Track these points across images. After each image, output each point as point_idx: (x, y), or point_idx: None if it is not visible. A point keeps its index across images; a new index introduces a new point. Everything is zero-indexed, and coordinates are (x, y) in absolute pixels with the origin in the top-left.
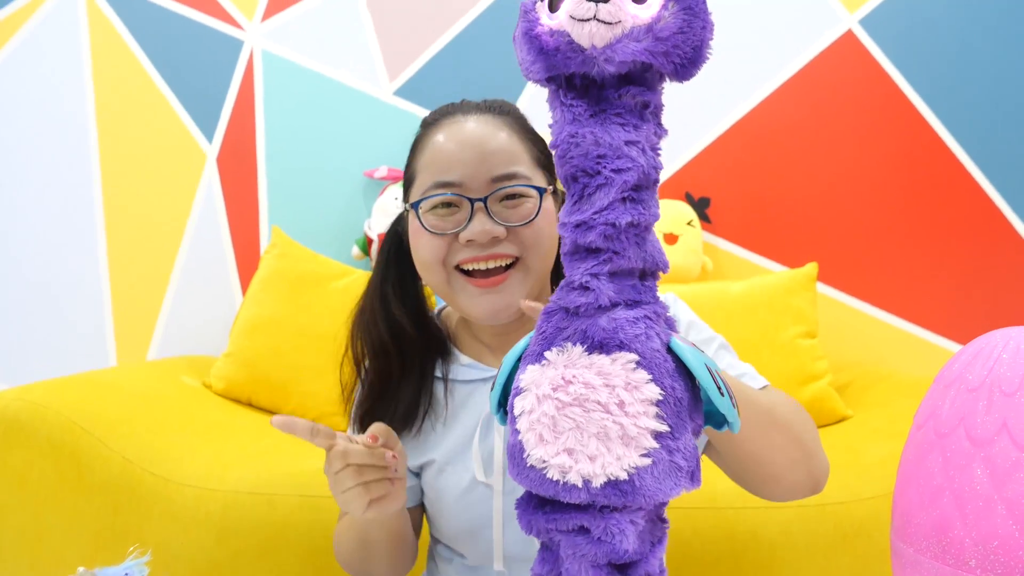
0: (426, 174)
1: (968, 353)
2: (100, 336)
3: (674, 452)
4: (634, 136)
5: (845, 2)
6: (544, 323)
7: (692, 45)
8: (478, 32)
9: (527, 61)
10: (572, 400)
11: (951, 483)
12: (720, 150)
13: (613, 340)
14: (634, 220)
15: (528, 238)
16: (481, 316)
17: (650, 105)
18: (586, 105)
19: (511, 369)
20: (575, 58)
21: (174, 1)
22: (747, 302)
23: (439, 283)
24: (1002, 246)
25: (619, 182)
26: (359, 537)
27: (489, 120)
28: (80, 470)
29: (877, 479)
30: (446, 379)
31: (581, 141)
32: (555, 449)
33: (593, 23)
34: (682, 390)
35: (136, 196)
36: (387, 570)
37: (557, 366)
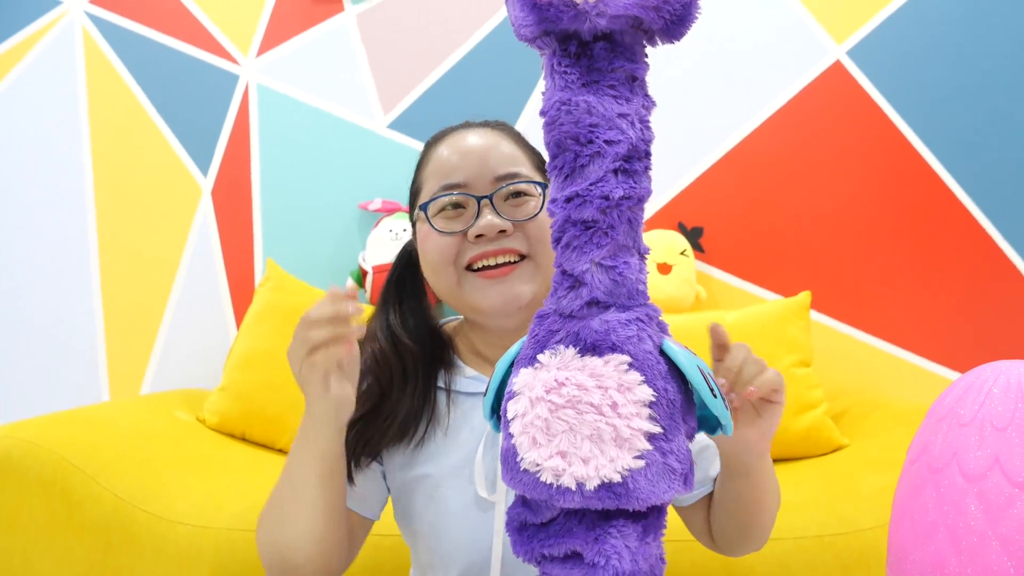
0: (432, 181)
1: (959, 387)
2: (93, 369)
3: (667, 454)
4: (625, 108)
5: (832, 34)
6: (536, 326)
7: (681, 2)
8: (471, 65)
9: (519, 17)
10: (565, 402)
11: (945, 519)
12: (712, 180)
13: (605, 342)
14: (627, 193)
15: (534, 234)
16: (491, 307)
17: (638, 78)
18: (578, 73)
19: (504, 374)
20: (567, 12)
21: (170, 36)
22: (741, 331)
23: (449, 285)
24: (994, 272)
25: (611, 153)
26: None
27: (489, 132)
28: (71, 508)
29: (875, 510)
30: (449, 389)
31: (573, 109)
32: (548, 452)
33: None
34: (675, 392)
35: (131, 229)
36: (311, 541)
37: (550, 368)
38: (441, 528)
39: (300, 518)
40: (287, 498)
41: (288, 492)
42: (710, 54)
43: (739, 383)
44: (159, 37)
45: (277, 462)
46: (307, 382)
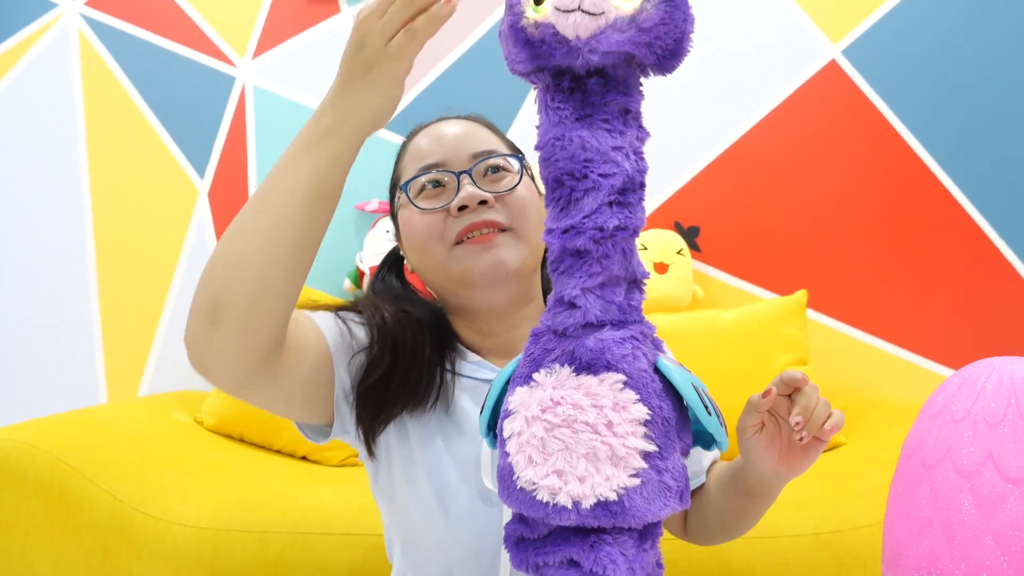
0: (410, 167)
1: (953, 384)
2: (91, 371)
3: (663, 472)
4: (620, 141)
5: (828, 33)
6: (532, 344)
7: (674, 37)
8: (467, 67)
9: (512, 53)
10: (561, 421)
11: (939, 515)
12: (709, 179)
13: (600, 361)
14: (621, 224)
15: (515, 205)
16: (479, 272)
17: (631, 110)
18: (572, 108)
19: (500, 392)
20: (560, 49)
21: (166, 38)
22: (738, 330)
23: (438, 262)
24: (989, 270)
25: (606, 186)
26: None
27: (464, 122)
28: (69, 511)
29: (871, 507)
30: (453, 371)
31: (567, 144)
32: (544, 471)
33: (578, 14)
34: (670, 410)
35: (128, 231)
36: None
37: (546, 387)
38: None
39: (261, 232)
40: (256, 208)
41: (261, 200)
42: (706, 54)
43: (813, 424)
44: (155, 39)
45: (275, 462)
46: (383, 59)
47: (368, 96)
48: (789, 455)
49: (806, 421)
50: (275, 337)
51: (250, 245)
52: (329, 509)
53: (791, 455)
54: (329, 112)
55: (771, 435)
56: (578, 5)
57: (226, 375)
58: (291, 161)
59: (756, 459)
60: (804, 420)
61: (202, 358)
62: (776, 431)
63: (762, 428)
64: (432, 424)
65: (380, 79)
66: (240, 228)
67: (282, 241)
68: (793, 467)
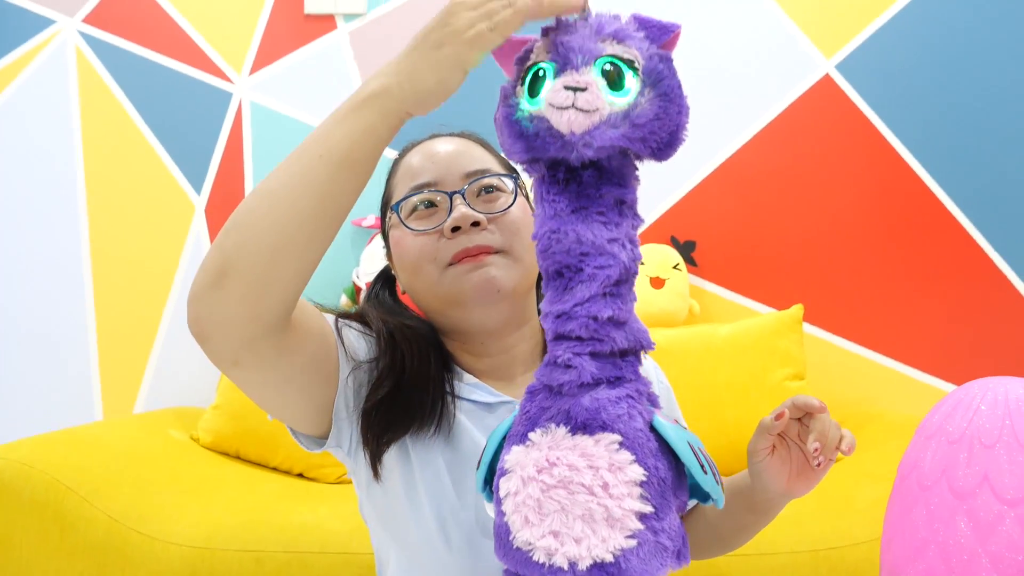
0: (401, 185)
1: (948, 404)
2: (87, 387)
3: (659, 532)
4: (615, 233)
5: (822, 48)
6: (528, 402)
7: (668, 130)
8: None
9: (507, 144)
10: (557, 482)
11: (936, 536)
12: (705, 194)
13: (596, 420)
14: (614, 315)
15: (508, 227)
16: (472, 291)
17: (626, 201)
18: (567, 201)
19: (496, 447)
20: (554, 143)
21: (163, 55)
22: (735, 345)
23: (430, 283)
24: (985, 282)
25: (602, 277)
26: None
27: (456, 139)
28: (64, 530)
29: (869, 523)
30: (453, 393)
31: (563, 238)
32: (541, 531)
33: (571, 111)
34: (665, 469)
35: (125, 247)
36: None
37: (541, 447)
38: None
39: (283, 194)
40: (283, 170)
41: (290, 162)
42: (701, 68)
43: (828, 448)
44: (152, 55)
45: (271, 480)
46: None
47: (426, 72)
48: (800, 475)
49: (823, 446)
50: (280, 310)
51: (270, 207)
52: (325, 527)
53: (802, 475)
54: (379, 78)
55: (782, 457)
56: (572, 103)
57: (224, 343)
58: (327, 126)
59: (767, 481)
60: (821, 446)
61: (202, 321)
62: (787, 453)
63: (773, 451)
64: (433, 446)
65: (446, 59)
66: (263, 189)
67: (303, 205)
68: (803, 486)
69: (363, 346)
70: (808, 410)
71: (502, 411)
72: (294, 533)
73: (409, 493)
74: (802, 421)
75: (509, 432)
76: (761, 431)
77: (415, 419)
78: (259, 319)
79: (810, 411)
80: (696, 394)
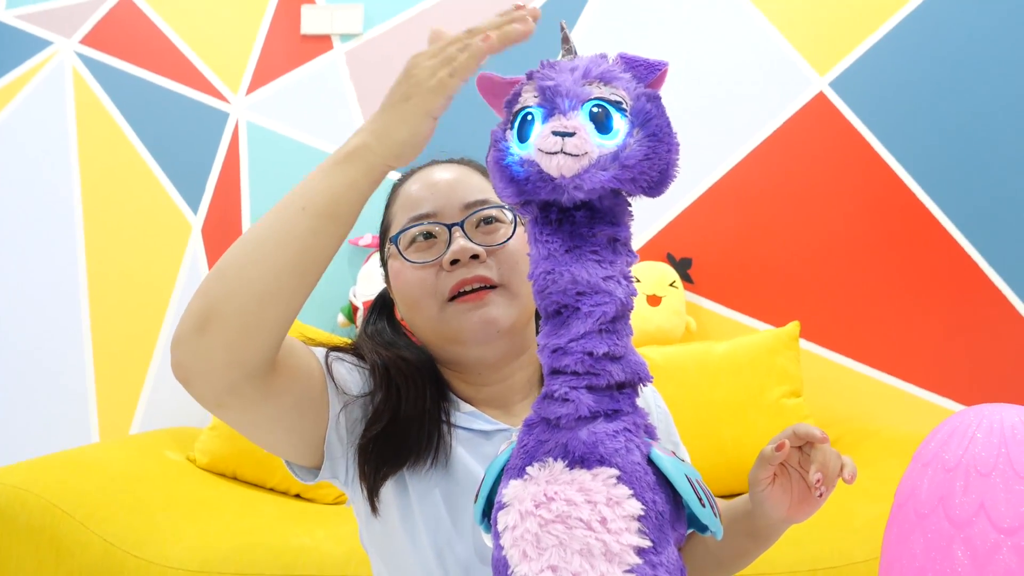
0: (401, 214)
1: (943, 432)
2: (83, 408)
3: (657, 567)
4: (610, 271)
5: (815, 65)
6: (525, 435)
7: (658, 169)
8: (456, 102)
9: (499, 187)
10: (554, 517)
11: (933, 565)
12: (700, 211)
13: (593, 455)
14: (610, 351)
15: (506, 261)
16: (470, 333)
17: (620, 239)
18: (561, 241)
19: (494, 480)
20: (545, 187)
21: (160, 75)
22: (731, 362)
23: (430, 318)
24: (981, 299)
25: (598, 314)
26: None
27: (456, 167)
28: (60, 555)
29: (868, 542)
30: (449, 422)
31: (558, 278)
32: (539, 566)
33: (560, 156)
34: (663, 503)
35: (121, 267)
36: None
37: (539, 482)
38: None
39: (267, 245)
40: (267, 222)
41: (274, 214)
42: (695, 86)
43: (829, 479)
44: (149, 76)
45: (268, 501)
46: (422, 91)
47: (398, 125)
48: (801, 502)
49: (824, 477)
50: (262, 356)
51: (254, 257)
52: (322, 550)
53: (803, 502)
54: (358, 136)
55: (783, 485)
56: (560, 147)
57: (207, 387)
58: (310, 180)
59: (769, 509)
60: (823, 476)
61: (185, 366)
62: (788, 481)
63: (774, 480)
64: (430, 478)
65: (413, 110)
66: (248, 239)
67: (286, 256)
68: (805, 513)
69: (356, 380)
70: (809, 440)
71: (499, 439)
72: (291, 557)
73: (406, 525)
74: (802, 449)
75: (507, 465)
76: (762, 461)
77: (411, 454)
78: (241, 365)
79: (811, 441)
80: (693, 412)
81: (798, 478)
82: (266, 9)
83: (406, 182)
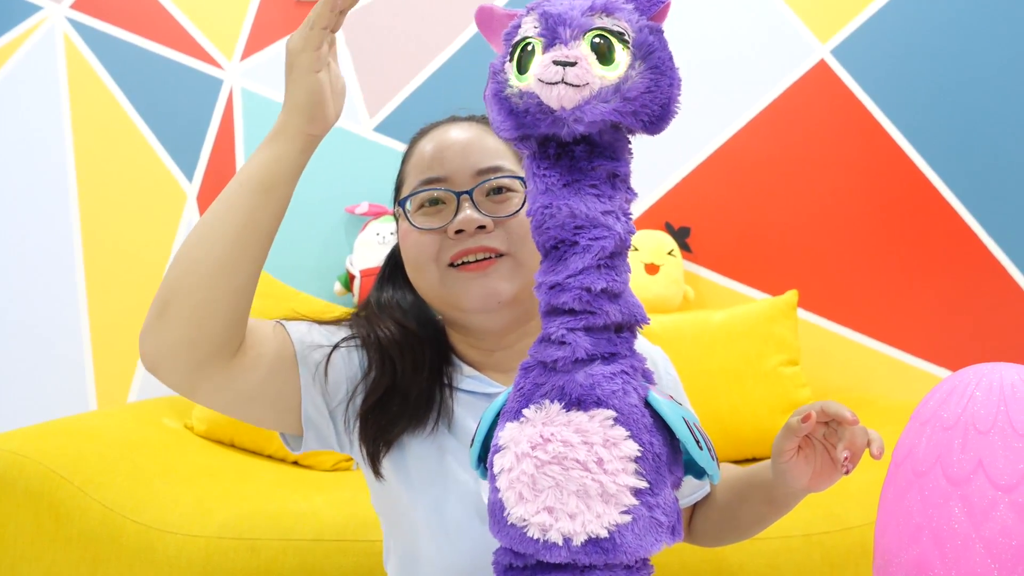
0: (413, 175)
1: (942, 391)
2: (80, 376)
3: (654, 508)
4: (609, 206)
5: (817, 33)
6: (522, 379)
7: (660, 103)
8: (456, 68)
9: (498, 121)
10: (551, 458)
11: (929, 522)
12: (699, 179)
13: (590, 396)
14: (607, 287)
15: (515, 231)
16: (471, 303)
17: (619, 174)
18: (559, 175)
19: (490, 425)
20: (544, 119)
21: (153, 41)
22: (729, 331)
23: (432, 283)
24: (980, 269)
25: (596, 249)
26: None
27: (474, 126)
28: (59, 520)
29: (862, 507)
30: (452, 385)
31: (556, 212)
32: (535, 507)
33: (561, 86)
34: (660, 445)
35: (116, 236)
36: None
37: (535, 424)
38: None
39: (209, 222)
40: (212, 205)
41: (218, 197)
42: (695, 54)
43: (856, 455)
44: (142, 42)
45: (266, 468)
46: (294, 54)
47: (295, 91)
48: (822, 474)
49: (852, 455)
50: (222, 334)
51: (201, 237)
52: (320, 515)
53: (824, 473)
54: (278, 118)
55: (807, 456)
56: (561, 78)
57: (173, 370)
58: (248, 161)
59: (791, 480)
60: (851, 455)
61: (150, 353)
62: (812, 453)
63: (799, 451)
64: (431, 441)
65: (297, 74)
66: (197, 224)
67: (229, 231)
68: (825, 484)
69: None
70: (838, 420)
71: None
72: (289, 521)
73: (407, 486)
74: (828, 424)
75: (503, 409)
76: (788, 433)
77: (409, 422)
78: (202, 344)
79: (841, 422)
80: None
81: (821, 450)
82: None
83: (422, 139)
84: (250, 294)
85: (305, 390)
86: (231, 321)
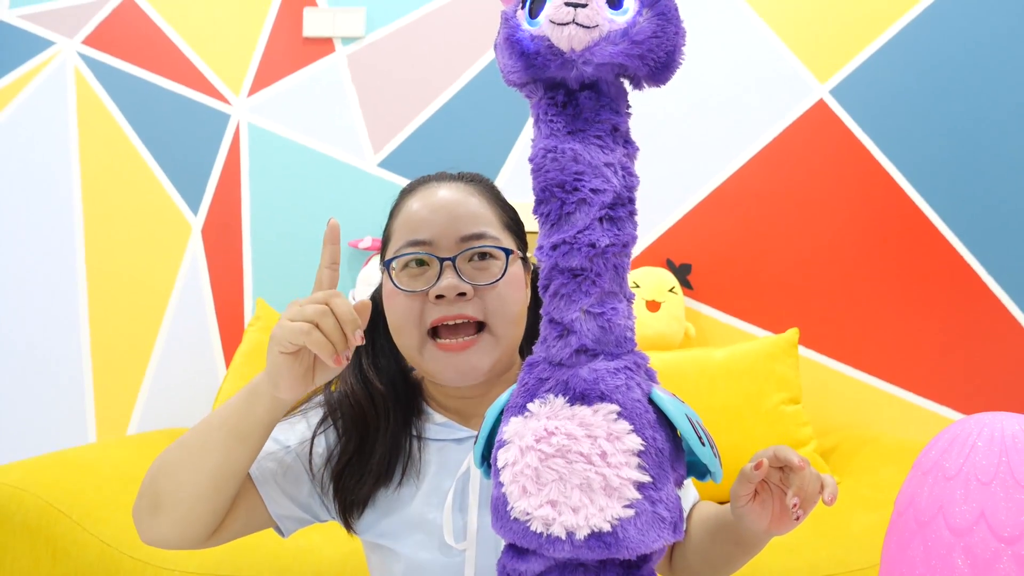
0: (399, 235)
1: (944, 440)
2: (80, 408)
3: (656, 503)
4: (610, 158)
5: (816, 73)
6: (526, 375)
7: (666, 49)
8: (460, 105)
9: (508, 64)
10: (555, 451)
11: (933, 573)
12: (700, 217)
13: (594, 391)
14: (612, 241)
15: (492, 301)
16: (449, 378)
17: (620, 129)
18: (565, 122)
19: (494, 422)
20: (555, 61)
21: (161, 76)
22: (730, 369)
23: (411, 346)
24: (979, 307)
25: (597, 201)
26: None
27: (461, 187)
28: (56, 555)
29: (866, 549)
30: (420, 437)
31: (560, 156)
32: (538, 501)
33: (572, 27)
34: (663, 440)
35: (121, 267)
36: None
37: (540, 418)
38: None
39: (192, 451)
40: (196, 432)
41: (198, 430)
42: (696, 93)
43: (807, 501)
44: (151, 77)
45: None
46: (288, 364)
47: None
48: (781, 518)
49: (801, 500)
50: (207, 531)
51: (184, 462)
52: (320, 552)
53: (783, 518)
54: (258, 375)
55: (764, 501)
56: (573, 18)
57: (170, 548)
58: (229, 402)
59: (749, 523)
60: (800, 500)
61: (148, 537)
62: (769, 497)
63: (755, 496)
64: (399, 493)
65: (272, 359)
66: (183, 442)
67: (208, 464)
68: (785, 528)
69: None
70: (787, 465)
71: (470, 444)
72: (288, 558)
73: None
74: (783, 469)
75: (507, 405)
76: (742, 479)
77: (376, 479)
78: (190, 539)
79: (788, 467)
80: None
81: (780, 494)
82: (268, 11)
83: (411, 197)
84: (232, 498)
85: (275, 514)
86: (214, 524)
